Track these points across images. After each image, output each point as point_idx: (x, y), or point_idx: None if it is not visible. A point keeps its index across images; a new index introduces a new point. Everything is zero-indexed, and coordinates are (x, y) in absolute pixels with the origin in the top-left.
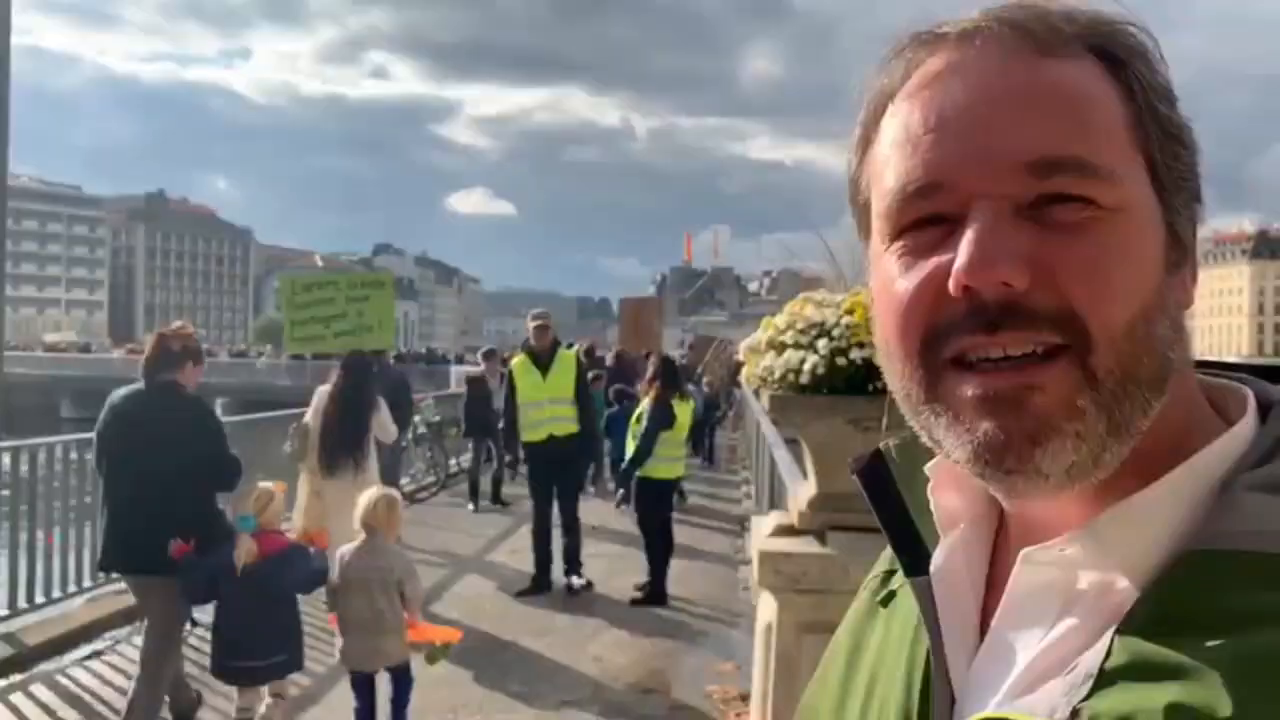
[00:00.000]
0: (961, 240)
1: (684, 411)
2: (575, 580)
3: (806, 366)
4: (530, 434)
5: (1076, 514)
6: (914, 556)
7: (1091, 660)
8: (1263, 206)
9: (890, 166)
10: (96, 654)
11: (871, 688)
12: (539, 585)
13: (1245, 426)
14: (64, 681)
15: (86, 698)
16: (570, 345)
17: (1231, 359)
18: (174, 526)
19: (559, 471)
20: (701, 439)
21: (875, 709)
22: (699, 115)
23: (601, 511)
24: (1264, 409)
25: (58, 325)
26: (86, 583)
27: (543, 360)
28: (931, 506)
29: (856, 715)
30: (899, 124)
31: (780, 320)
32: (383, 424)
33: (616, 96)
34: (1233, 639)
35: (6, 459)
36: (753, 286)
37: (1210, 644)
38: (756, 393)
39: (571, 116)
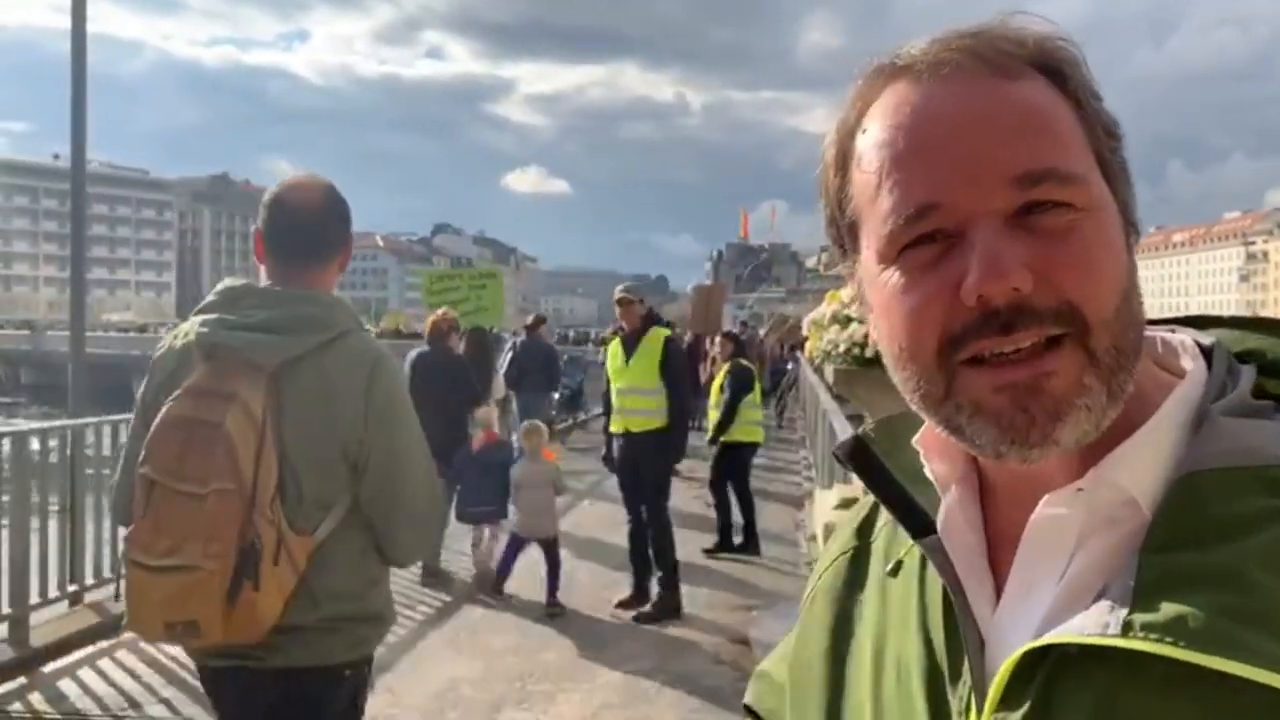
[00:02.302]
0: (971, 256)
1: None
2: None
3: (872, 339)
4: (612, 423)
5: (1060, 467)
6: (912, 523)
7: (1123, 580)
8: None
9: (884, 190)
10: None
11: (880, 653)
12: (639, 598)
13: (1198, 369)
14: None
15: None
16: (669, 324)
17: None
18: (451, 433)
19: (635, 470)
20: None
21: (890, 671)
22: (754, 89)
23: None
24: (1204, 353)
25: (128, 306)
26: None
27: (630, 342)
28: (927, 474)
29: (868, 682)
30: (885, 152)
31: (845, 294)
32: (498, 385)
33: (670, 72)
34: (1245, 540)
35: (90, 434)
36: (810, 262)
37: (1228, 547)
38: (820, 367)
39: (625, 93)
